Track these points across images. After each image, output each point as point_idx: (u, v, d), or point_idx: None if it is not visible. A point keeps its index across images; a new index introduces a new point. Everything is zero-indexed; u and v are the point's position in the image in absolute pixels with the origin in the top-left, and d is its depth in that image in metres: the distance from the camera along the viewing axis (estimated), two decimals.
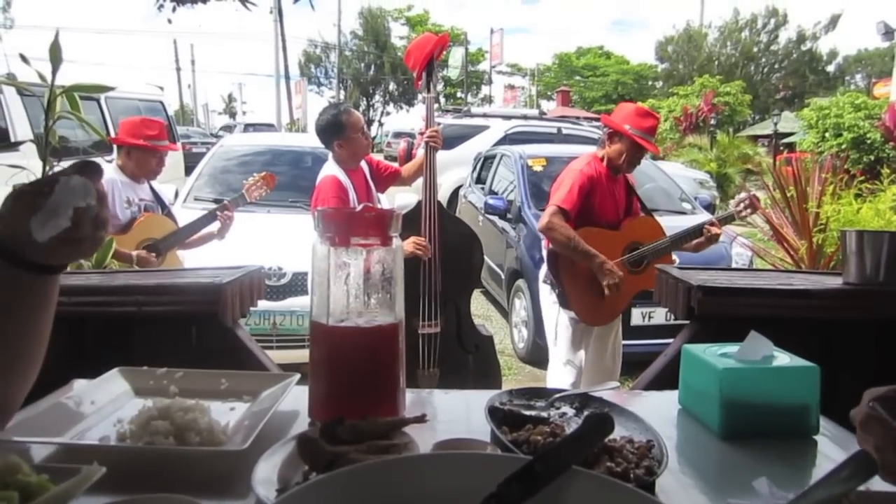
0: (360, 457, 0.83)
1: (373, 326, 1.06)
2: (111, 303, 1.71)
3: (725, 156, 15.61)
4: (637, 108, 3.23)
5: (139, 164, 3.30)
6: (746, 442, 1.05)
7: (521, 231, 5.51)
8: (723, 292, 1.76)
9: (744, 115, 28.01)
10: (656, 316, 4.59)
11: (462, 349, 3.04)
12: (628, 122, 3.09)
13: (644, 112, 3.20)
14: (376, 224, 1.05)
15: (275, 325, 4.18)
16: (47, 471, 0.79)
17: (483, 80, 47.07)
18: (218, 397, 1.14)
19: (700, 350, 1.17)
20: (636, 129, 3.08)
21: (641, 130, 3.09)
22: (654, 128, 3.18)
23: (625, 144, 3.10)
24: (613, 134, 3.13)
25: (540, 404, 1.11)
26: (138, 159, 3.29)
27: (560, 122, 11.54)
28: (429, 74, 3.00)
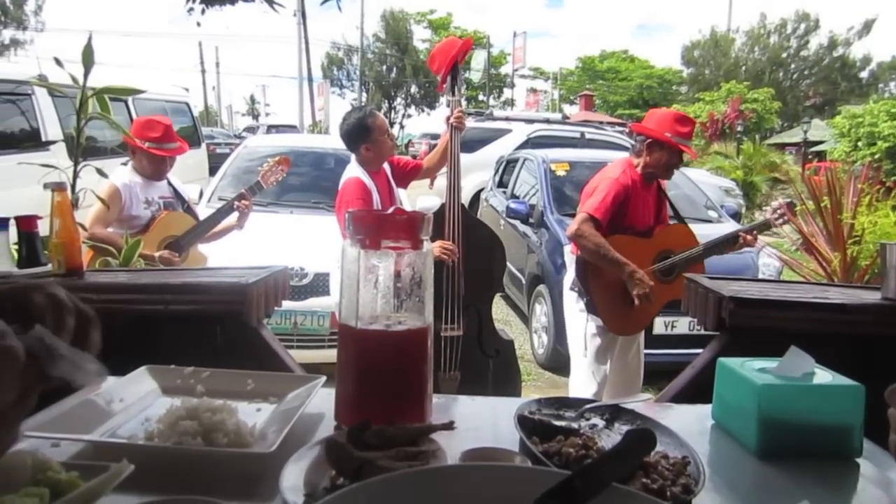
0: (389, 464, 0.82)
1: (402, 330, 1.05)
2: (139, 301, 1.71)
3: (752, 164, 15.40)
4: (675, 115, 3.18)
5: (149, 164, 3.27)
6: (785, 462, 1.01)
7: (542, 236, 5.48)
8: (756, 304, 1.72)
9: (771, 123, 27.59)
10: (679, 325, 4.53)
11: (483, 353, 3.02)
12: (669, 130, 3.04)
13: (682, 117, 3.15)
14: (407, 227, 1.04)
15: (296, 324, 4.20)
16: (77, 468, 0.80)
17: (505, 83, 46.99)
18: (244, 398, 1.14)
19: (736, 364, 1.13)
20: (677, 135, 3.03)
21: (682, 136, 3.05)
22: (692, 132, 3.15)
23: (665, 153, 3.05)
24: (653, 143, 3.07)
25: (569, 414, 1.09)
26: (147, 159, 3.27)
27: (583, 127, 11.47)
28: (453, 78, 2.99)
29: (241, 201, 3.44)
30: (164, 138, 3.27)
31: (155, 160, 3.28)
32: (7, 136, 6.05)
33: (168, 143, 3.30)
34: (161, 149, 3.26)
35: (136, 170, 3.29)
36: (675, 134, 3.03)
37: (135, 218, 3.17)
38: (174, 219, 3.33)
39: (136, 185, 3.22)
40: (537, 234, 5.62)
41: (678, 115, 3.20)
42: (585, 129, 11.13)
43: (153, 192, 3.30)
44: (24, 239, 1.76)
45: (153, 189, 3.31)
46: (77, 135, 2.58)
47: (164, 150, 3.27)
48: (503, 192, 7.42)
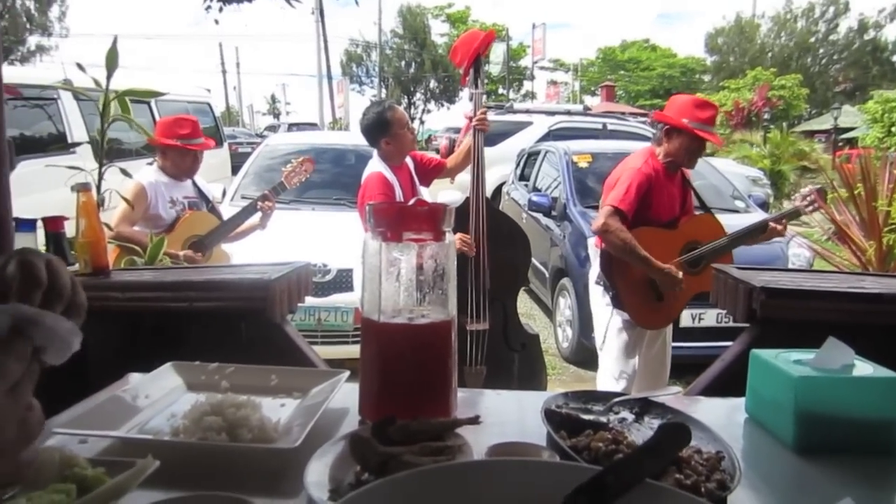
0: (414, 459, 0.81)
1: (425, 324, 1.04)
2: (164, 298, 1.73)
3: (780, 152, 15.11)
4: (693, 100, 3.10)
5: (175, 163, 3.33)
6: (823, 457, 0.98)
7: (565, 229, 5.43)
8: (788, 294, 1.67)
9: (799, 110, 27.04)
10: (707, 318, 4.46)
11: (508, 347, 3.01)
12: (686, 116, 2.96)
13: (701, 102, 3.07)
14: (429, 218, 1.03)
15: (319, 321, 4.21)
16: (103, 464, 0.81)
17: (525, 75, 46.72)
18: (268, 393, 1.14)
19: (771, 356, 1.10)
20: (695, 121, 2.95)
21: (701, 122, 2.96)
22: (713, 118, 3.04)
23: (685, 139, 2.97)
24: (671, 130, 3.00)
25: (598, 408, 1.07)
26: (174, 159, 3.32)
27: (605, 118, 11.34)
28: (476, 70, 2.97)
29: (263, 202, 3.46)
30: (193, 135, 3.36)
31: (185, 158, 3.33)
32: (35, 140, 6.15)
33: (196, 139, 3.38)
34: (191, 144, 3.33)
35: (163, 169, 3.33)
36: (693, 119, 2.95)
37: (159, 217, 3.21)
38: (198, 218, 3.36)
39: (161, 184, 3.26)
40: (560, 226, 5.57)
41: (697, 100, 3.11)
42: (608, 120, 11.01)
43: (178, 192, 3.33)
44: (52, 240, 1.79)
45: (178, 189, 3.34)
46: (101, 137, 2.61)
47: (194, 145, 3.35)
48: (525, 186, 7.38)
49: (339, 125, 25.96)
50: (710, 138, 3.02)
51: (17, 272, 0.56)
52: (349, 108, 30.14)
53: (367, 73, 45.97)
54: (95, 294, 1.71)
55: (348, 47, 45.34)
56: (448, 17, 46.48)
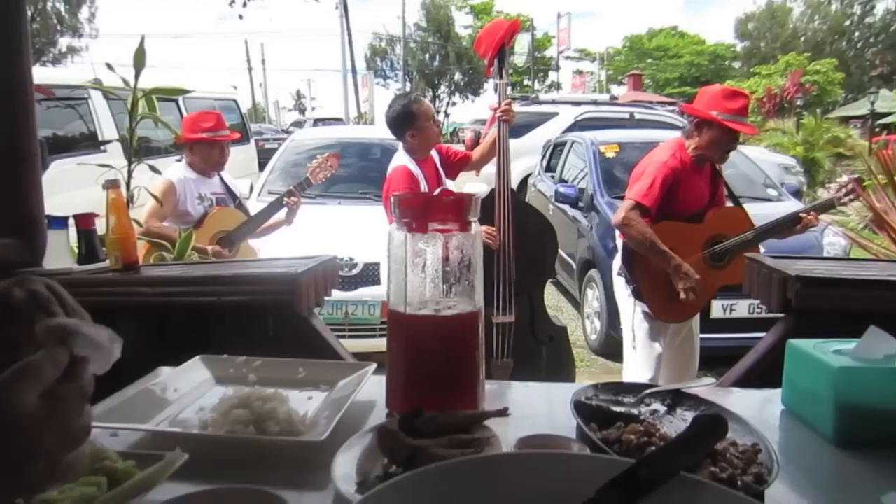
0: (442, 451, 0.80)
1: (451, 315, 1.03)
2: (192, 293, 1.74)
3: (813, 139, 14.79)
4: (723, 90, 3.00)
5: (203, 157, 3.38)
6: (864, 450, 0.94)
7: (593, 220, 5.38)
8: (825, 283, 1.62)
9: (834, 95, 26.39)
10: (738, 308, 4.38)
11: (536, 340, 2.99)
12: (715, 108, 2.88)
13: (731, 93, 2.97)
14: (455, 208, 1.02)
15: (347, 314, 4.23)
16: (133, 457, 0.82)
17: (550, 66, 46.36)
18: (295, 386, 1.14)
19: (809, 346, 1.06)
20: (726, 113, 2.86)
21: (732, 114, 2.86)
22: (745, 107, 2.95)
23: (715, 132, 2.88)
24: (701, 123, 2.92)
25: (628, 400, 1.05)
26: (201, 153, 3.38)
27: (632, 107, 11.19)
28: (500, 61, 2.93)
29: (289, 198, 3.48)
30: (217, 126, 3.41)
31: (212, 150, 3.39)
32: (66, 140, 6.27)
33: (222, 131, 3.44)
34: (217, 136, 3.39)
35: (190, 165, 3.37)
36: (723, 111, 2.86)
37: (188, 213, 3.25)
38: (226, 214, 3.40)
39: (189, 180, 3.30)
40: (587, 217, 5.52)
41: (727, 90, 3.01)
42: (635, 109, 10.85)
43: (206, 188, 3.37)
44: (83, 236, 1.82)
45: (206, 185, 3.38)
46: (130, 134, 2.65)
47: (220, 137, 3.41)
48: (551, 177, 7.32)
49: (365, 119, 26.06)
50: (742, 129, 2.93)
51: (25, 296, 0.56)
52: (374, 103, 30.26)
53: (392, 67, 46.06)
54: (125, 289, 1.74)
55: (372, 41, 45.51)
56: (472, 9, 46.28)
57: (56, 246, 1.76)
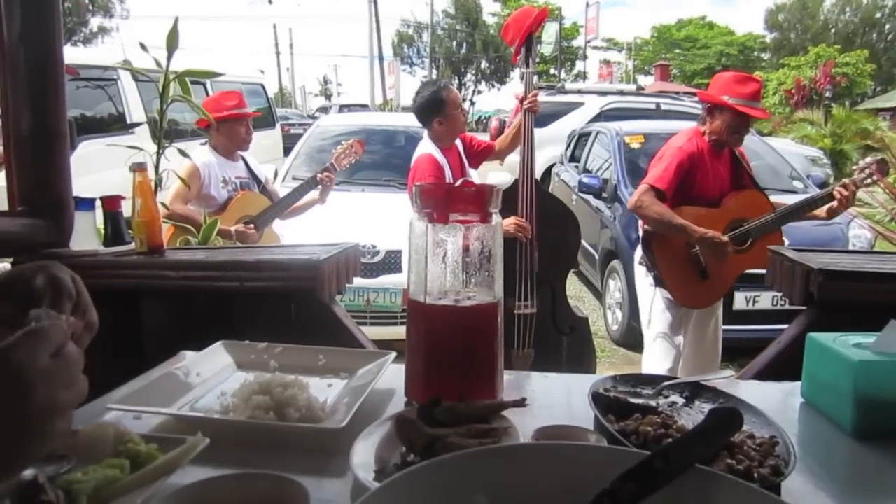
0: (460, 441, 0.81)
1: (471, 305, 1.03)
2: (216, 278, 1.76)
3: (842, 131, 14.51)
4: (734, 76, 3.02)
5: (230, 136, 3.38)
6: (882, 443, 0.94)
7: (616, 210, 5.35)
8: (847, 276, 1.61)
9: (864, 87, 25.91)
10: (762, 300, 4.34)
11: (557, 331, 2.99)
12: (726, 93, 2.90)
13: (742, 78, 2.98)
14: (476, 199, 1.02)
15: (368, 301, 4.25)
16: (156, 440, 0.83)
17: (577, 56, 45.88)
18: (316, 373, 1.16)
19: (829, 339, 1.06)
20: (736, 97, 2.87)
21: (743, 98, 2.88)
22: (756, 92, 2.95)
23: (727, 116, 2.90)
24: (713, 108, 2.95)
25: (647, 392, 1.05)
26: (228, 132, 3.38)
27: (659, 98, 11.05)
28: (528, 49, 2.92)
29: (323, 174, 3.48)
30: (240, 104, 3.44)
31: (238, 128, 3.40)
32: (95, 121, 6.34)
33: (245, 108, 3.46)
34: (241, 112, 3.41)
35: (215, 148, 3.39)
36: (733, 95, 2.87)
37: (212, 197, 3.27)
38: (250, 199, 3.41)
39: (214, 164, 3.32)
40: (611, 208, 5.49)
41: (738, 75, 3.03)
42: (661, 100, 10.72)
43: (230, 172, 3.38)
44: (109, 218, 1.84)
45: (231, 168, 3.39)
46: (160, 117, 2.65)
47: (244, 113, 3.43)
48: (575, 167, 7.28)
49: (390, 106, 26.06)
50: (752, 112, 2.93)
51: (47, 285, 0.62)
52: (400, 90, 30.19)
53: (419, 54, 45.91)
54: (150, 272, 1.76)
55: (400, 28, 45.35)
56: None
57: (83, 227, 1.78)
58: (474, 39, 44.24)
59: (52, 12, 1.69)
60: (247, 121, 3.45)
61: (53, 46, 1.70)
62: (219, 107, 3.33)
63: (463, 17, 44.40)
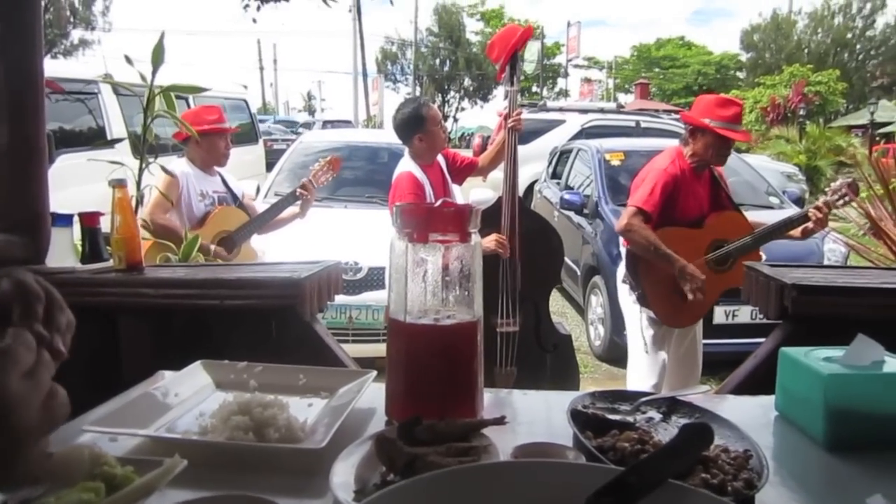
0: (439, 459, 0.81)
1: (451, 324, 1.04)
2: (195, 296, 1.75)
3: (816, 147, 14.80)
4: (717, 99, 3.09)
5: (209, 150, 3.35)
6: (854, 454, 0.96)
7: (597, 227, 5.39)
8: (820, 291, 1.64)
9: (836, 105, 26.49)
10: (741, 314, 4.40)
11: (540, 348, 2.99)
12: (708, 116, 2.96)
13: (724, 101, 3.06)
14: (455, 220, 1.03)
15: (351, 319, 4.24)
16: (132, 463, 0.82)
17: (559, 73, 46.37)
18: (296, 393, 1.15)
19: (800, 354, 1.09)
20: (718, 120, 2.93)
21: (724, 121, 2.94)
22: (737, 115, 3.02)
23: (708, 139, 2.96)
24: (695, 130, 3.00)
25: (625, 408, 1.06)
26: (208, 145, 3.34)
27: (639, 116, 11.22)
28: (512, 67, 2.93)
29: (303, 189, 3.45)
30: (221, 119, 3.43)
31: (219, 142, 3.38)
32: (74, 135, 6.26)
33: (225, 123, 3.46)
34: (221, 127, 3.40)
35: (192, 161, 3.36)
36: (715, 118, 2.94)
37: (191, 209, 3.23)
38: (229, 213, 3.38)
39: (191, 175, 3.28)
40: (592, 224, 5.53)
41: (720, 99, 3.11)
42: (641, 117, 10.88)
43: (207, 186, 3.35)
44: (87, 235, 1.81)
45: (208, 182, 3.36)
46: (143, 132, 2.63)
47: (224, 128, 3.42)
48: (557, 184, 7.34)
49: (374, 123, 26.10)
50: (733, 136, 3.00)
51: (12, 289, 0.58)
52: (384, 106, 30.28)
53: (402, 71, 46.11)
54: (128, 290, 1.74)
55: (384, 45, 45.56)
56: (482, 16, 46.31)
57: (59, 243, 1.75)
58: (457, 57, 44.56)
59: (32, 24, 1.68)
60: (226, 136, 3.44)
61: (33, 59, 1.69)
62: (199, 120, 3.30)
63: (446, 35, 44.72)
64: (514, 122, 2.93)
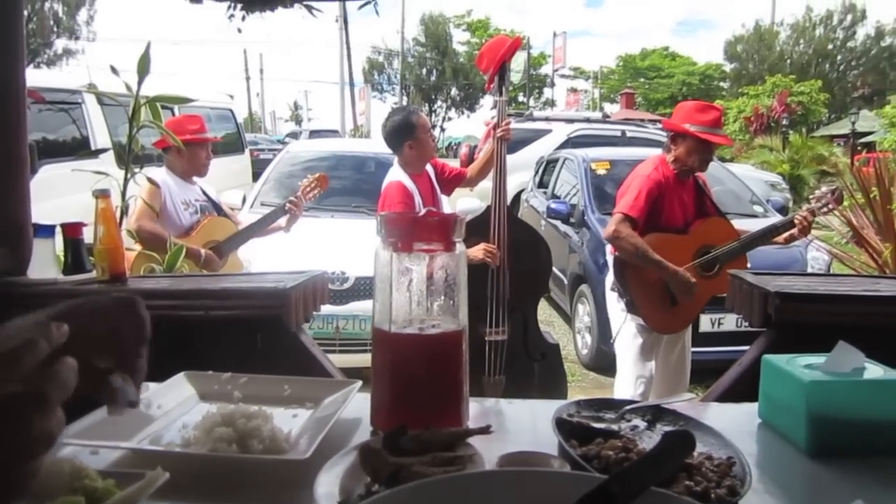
0: (424, 469, 0.81)
1: (436, 334, 1.03)
2: (180, 307, 1.74)
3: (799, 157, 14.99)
4: (696, 104, 3.14)
5: (191, 160, 3.35)
6: (836, 460, 0.97)
7: (584, 236, 5.42)
8: (803, 298, 1.67)
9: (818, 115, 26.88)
10: (726, 322, 4.43)
11: (528, 357, 2.99)
12: (689, 121, 3.00)
13: (703, 106, 3.10)
14: (440, 229, 1.03)
15: (338, 329, 4.22)
16: (113, 476, 0.80)
17: (545, 83, 46.65)
18: (281, 403, 1.14)
19: (782, 361, 1.10)
20: (699, 125, 2.98)
21: (705, 126, 2.98)
22: (717, 119, 3.07)
23: (690, 144, 3.00)
24: (677, 136, 3.04)
25: (609, 416, 1.06)
26: (190, 155, 3.34)
27: (624, 125, 11.30)
28: (501, 77, 2.95)
29: (292, 204, 3.47)
30: (202, 129, 3.46)
31: (201, 152, 3.39)
32: (57, 145, 6.21)
33: (207, 133, 3.49)
34: (203, 137, 3.42)
35: (171, 170, 3.36)
36: (695, 123, 2.98)
37: (175, 218, 3.22)
38: (217, 224, 3.38)
39: (171, 184, 3.28)
40: (579, 233, 5.56)
41: (699, 104, 3.15)
42: (626, 127, 10.97)
43: (189, 195, 3.35)
44: (69, 245, 1.80)
45: (189, 191, 3.36)
46: (129, 142, 2.62)
47: (206, 138, 3.45)
48: (543, 193, 7.37)
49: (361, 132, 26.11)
50: (714, 139, 3.04)
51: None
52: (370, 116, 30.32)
53: (389, 81, 46.16)
54: None
55: (371, 55, 45.64)
56: (468, 26, 46.53)
57: (41, 255, 1.74)
58: (444, 67, 44.71)
59: (14, 33, 1.67)
60: (208, 146, 3.44)
61: (15, 68, 1.67)
62: (181, 129, 3.29)
63: (433, 45, 44.87)
64: (503, 132, 2.94)
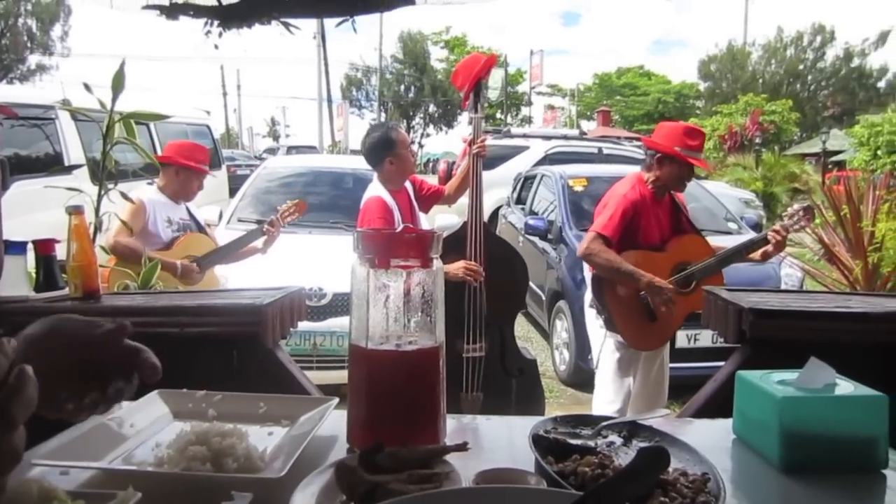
0: (400, 486, 0.81)
1: (413, 350, 1.03)
2: (154, 324, 1.72)
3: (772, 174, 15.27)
4: (684, 128, 3.17)
5: (184, 184, 3.44)
6: (809, 475, 0.99)
7: (561, 252, 5.45)
8: (776, 315, 1.69)
9: (790, 134, 27.46)
10: (702, 338, 4.46)
11: (506, 373, 2.99)
12: (677, 144, 3.03)
13: (691, 130, 3.14)
14: (417, 245, 1.03)
15: (315, 345, 4.19)
16: (83, 496, 0.79)
17: (523, 101, 47.06)
18: (256, 421, 1.13)
19: (756, 377, 1.11)
20: (687, 149, 3.02)
21: (692, 150, 3.04)
22: (702, 144, 3.13)
23: (676, 166, 3.04)
24: (663, 158, 3.06)
25: (586, 432, 1.07)
26: (185, 180, 3.43)
27: (601, 142, 11.41)
28: (476, 94, 2.97)
29: (270, 227, 3.52)
30: (205, 161, 3.58)
31: (195, 181, 3.48)
32: (30, 161, 6.13)
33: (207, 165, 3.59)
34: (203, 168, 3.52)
35: (162, 190, 3.39)
36: (684, 147, 3.02)
37: (157, 235, 3.25)
38: (196, 240, 3.41)
39: (159, 203, 3.34)
40: (556, 249, 5.59)
41: (688, 127, 3.19)
42: (603, 144, 11.07)
43: (174, 213, 3.40)
44: (42, 262, 1.78)
45: (174, 210, 3.42)
46: (103, 159, 2.60)
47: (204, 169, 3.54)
48: (521, 209, 7.41)
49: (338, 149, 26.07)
50: (701, 165, 3.13)
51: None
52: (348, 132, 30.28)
53: (367, 98, 46.26)
54: None
55: (348, 71, 45.73)
56: (446, 43, 46.88)
57: (12, 271, 1.70)
58: (422, 84, 44.92)
59: None
60: (202, 177, 3.53)
61: None
62: (189, 155, 3.44)
63: (411, 62, 45.10)
64: (479, 149, 2.96)
